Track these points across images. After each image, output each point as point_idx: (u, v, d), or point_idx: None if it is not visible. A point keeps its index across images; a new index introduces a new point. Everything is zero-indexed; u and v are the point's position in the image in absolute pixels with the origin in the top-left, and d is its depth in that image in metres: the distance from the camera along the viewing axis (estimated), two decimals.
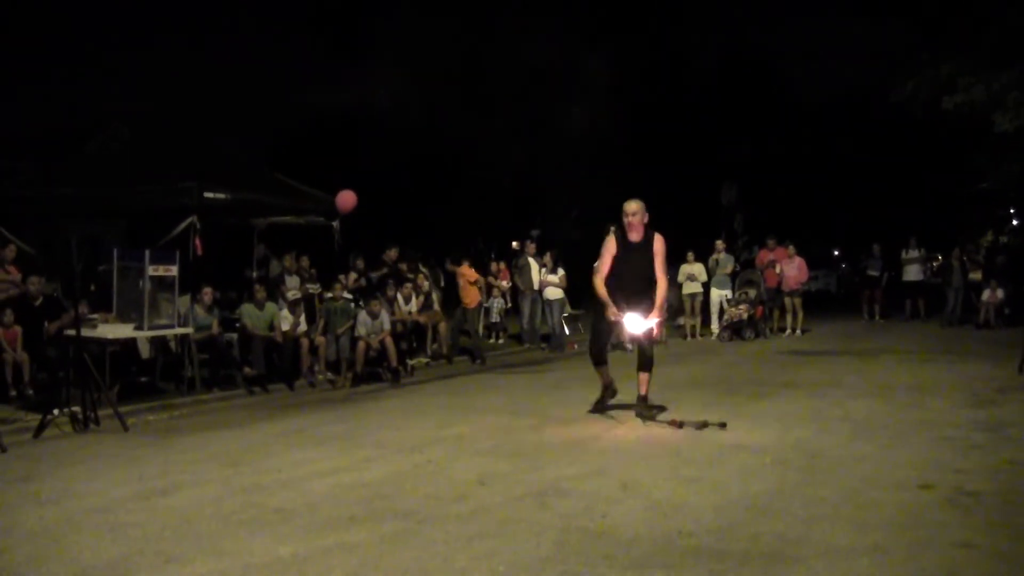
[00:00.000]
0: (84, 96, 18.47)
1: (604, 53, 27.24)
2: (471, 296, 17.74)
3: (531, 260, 18.91)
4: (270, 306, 13.77)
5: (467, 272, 17.91)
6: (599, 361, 9.92)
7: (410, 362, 15.12)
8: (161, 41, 21.39)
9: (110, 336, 11.43)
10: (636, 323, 9.30)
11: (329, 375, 14.09)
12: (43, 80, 19.40)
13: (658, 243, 9.50)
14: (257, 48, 22.38)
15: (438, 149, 26.51)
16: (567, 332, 19.32)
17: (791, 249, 20.58)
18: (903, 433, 8.30)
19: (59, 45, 20.29)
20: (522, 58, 25.94)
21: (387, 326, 14.17)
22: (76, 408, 9.72)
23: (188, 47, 21.52)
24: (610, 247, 9.57)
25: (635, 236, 9.50)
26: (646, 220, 9.57)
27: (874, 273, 23.63)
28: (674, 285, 17.83)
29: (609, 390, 9.92)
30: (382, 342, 13.93)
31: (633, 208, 9.51)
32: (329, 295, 14.71)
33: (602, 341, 10.07)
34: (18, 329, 11.90)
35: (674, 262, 20.60)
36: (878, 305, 23.49)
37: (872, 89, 25.26)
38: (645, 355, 9.55)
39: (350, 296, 15.01)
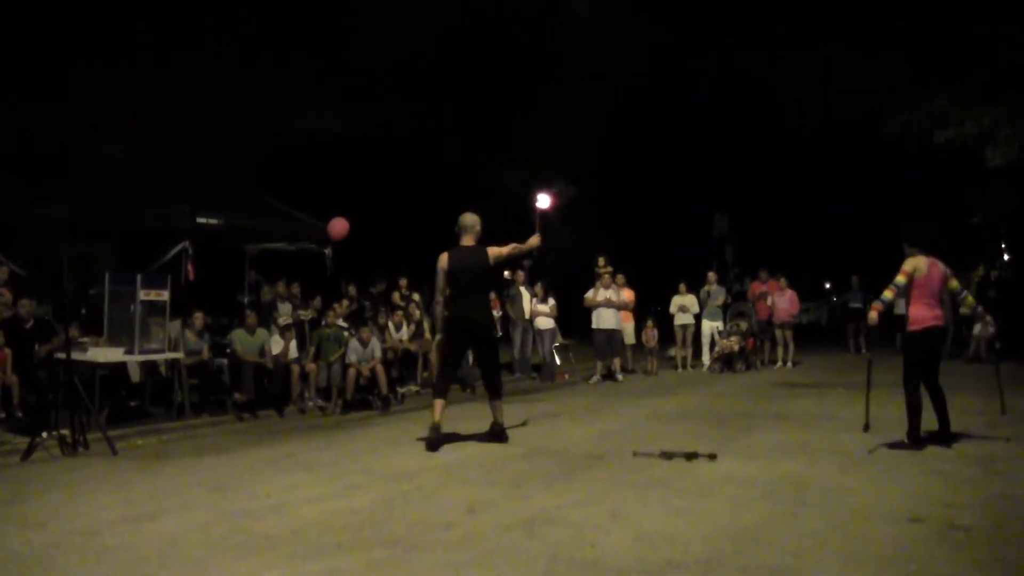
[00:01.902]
0: (75, 115, 18.46)
1: (597, 82, 27.30)
2: None
3: (522, 290, 18.92)
4: (261, 332, 13.77)
5: None
6: (442, 392, 9.99)
7: (400, 390, 15.11)
8: (154, 62, 21.39)
9: (100, 360, 11.42)
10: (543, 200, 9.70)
11: (319, 402, 14.06)
12: (33, 98, 19.40)
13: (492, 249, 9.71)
14: (251, 71, 22.42)
15: (430, 178, 26.57)
16: (558, 362, 19.34)
17: (783, 281, 20.62)
18: (893, 466, 8.30)
19: (50, 63, 20.30)
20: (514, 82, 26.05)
21: (378, 353, 14.16)
22: (65, 431, 9.68)
23: (181, 69, 21.53)
24: (443, 264, 9.74)
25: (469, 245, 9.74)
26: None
27: (856, 305, 23.67)
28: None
29: (436, 430, 9.77)
30: (372, 369, 13.93)
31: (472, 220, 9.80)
32: (323, 323, 14.71)
33: (450, 370, 10.30)
34: (8, 351, 11.86)
35: (667, 294, 20.74)
36: (863, 338, 23.51)
37: (864, 122, 25.39)
38: (493, 384, 10.08)
39: (344, 324, 15.01)
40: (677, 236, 32.85)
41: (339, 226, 14.85)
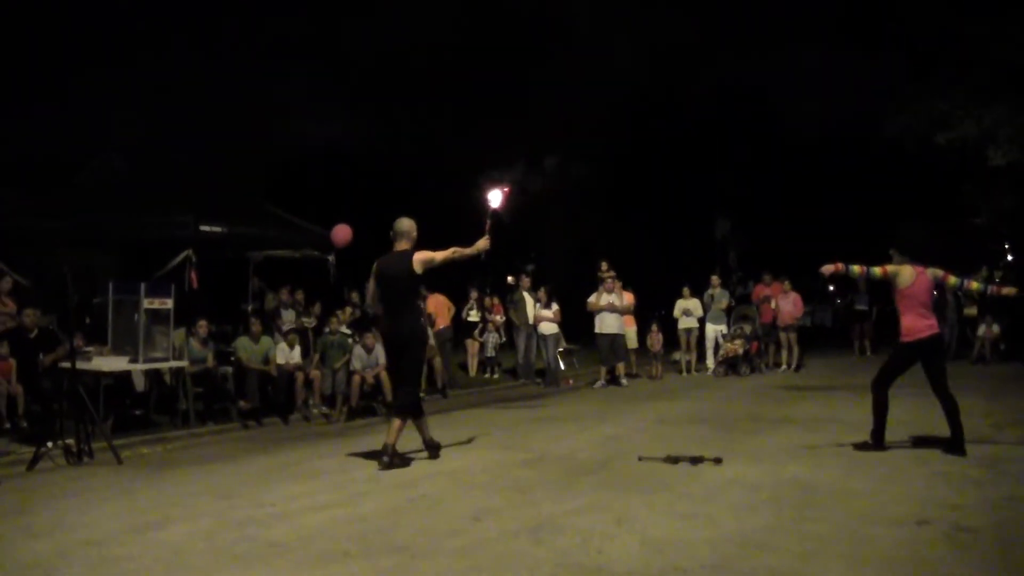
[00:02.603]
0: (77, 125, 18.50)
1: (598, 86, 27.33)
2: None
3: (526, 295, 18.93)
4: (265, 340, 13.79)
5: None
6: (419, 411, 9.48)
7: None
8: (156, 72, 21.44)
9: (105, 369, 11.43)
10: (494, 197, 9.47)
11: (324, 409, 14.07)
12: (36, 109, 19.44)
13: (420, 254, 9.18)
14: (252, 80, 22.47)
15: (431, 183, 26.60)
16: (562, 367, 19.35)
17: (787, 284, 20.59)
18: (899, 468, 8.29)
19: (52, 74, 20.36)
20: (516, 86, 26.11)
21: (382, 360, 14.15)
22: (70, 441, 9.70)
23: (183, 77, 21.59)
24: (373, 270, 9.37)
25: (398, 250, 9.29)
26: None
27: (862, 307, 23.64)
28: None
29: (434, 447, 9.52)
30: (377, 376, 13.92)
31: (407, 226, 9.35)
32: (327, 330, 14.71)
33: (418, 389, 9.93)
34: (12, 361, 11.87)
35: (670, 297, 20.73)
36: (868, 339, 23.48)
37: (866, 123, 25.38)
38: (402, 400, 9.29)
39: (348, 331, 15.02)
40: (680, 240, 32.86)
41: (342, 233, 14.84)
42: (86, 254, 14.79)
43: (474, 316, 20.05)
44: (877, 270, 9.33)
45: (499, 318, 20.27)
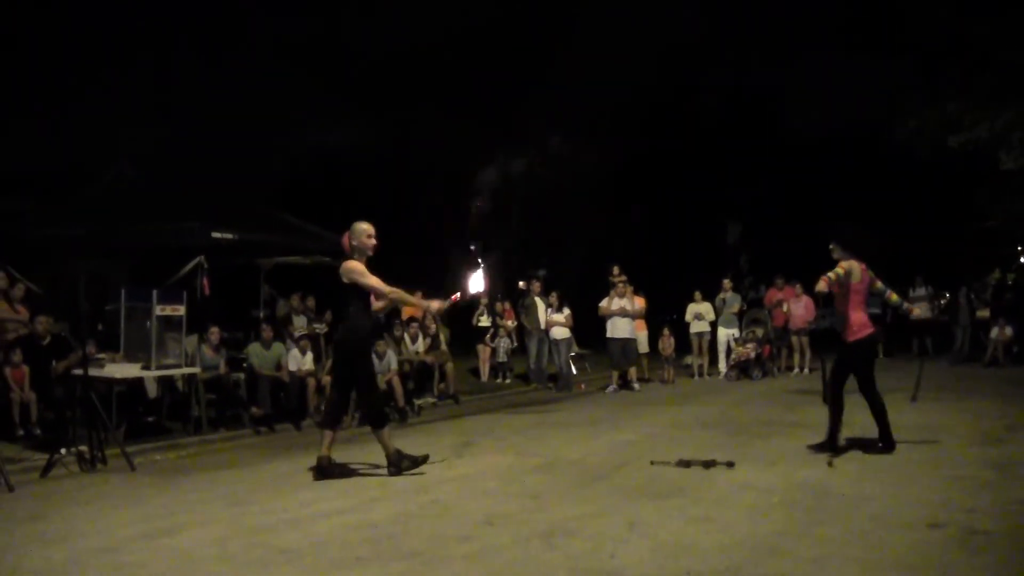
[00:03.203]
0: (90, 135, 18.56)
1: (609, 92, 27.31)
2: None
3: (537, 299, 18.94)
4: (277, 346, 13.81)
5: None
6: (383, 421, 8.96)
7: (417, 402, 15.11)
8: (167, 80, 21.53)
9: (117, 376, 11.45)
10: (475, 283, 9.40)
11: None
12: (48, 119, 19.52)
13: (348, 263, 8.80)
14: (262, 87, 22.52)
15: (444, 188, 26.65)
16: (574, 371, 19.34)
17: (799, 288, 20.54)
18: (912, 472, 8.26)
19: (64, 84, 20.43)
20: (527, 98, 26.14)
21: (394, 366, 14.18)
22: (83, 447, 9.71)
23: (193, 85, 21.66)
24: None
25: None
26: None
27: (875, 311, 23.56)
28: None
29: (414, 460, 8.90)
30: (389, 382, 13.94)
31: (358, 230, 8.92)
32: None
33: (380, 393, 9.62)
34: (26, 368, 11.90)
35: (682, 302, 20.72)
36: (880, 343, 23.38)
37: (877, 127, 25.31)
38: (373, 409, 8.99)
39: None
40: (691, 244, 32.81)
41: None
42: (98, 262, 14.84)
43: (484, 321, 20.05)
44: (839, 271, 9.31)
45: (511, 323, 20.27)
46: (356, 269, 8.69)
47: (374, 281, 8.71)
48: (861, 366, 9.59)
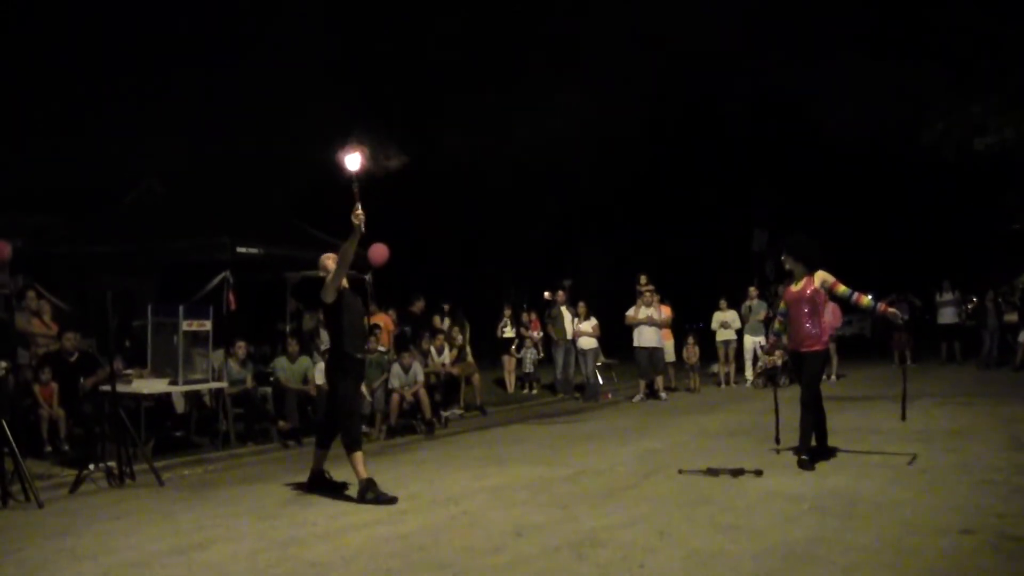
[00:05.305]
0: (118, 153, 18.70)
1: (635, 99, 27.32)
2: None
3: (563, 310, 18.91)
4: (303, 359, 13.82)
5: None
6: (357, 445, 8.69)
7: (444, 414, 15.10)
8: (194, 97, 21.66)
9: (145, 391, 11.48)
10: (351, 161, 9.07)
11: (363, 427, 14.07)
12: (77, 138, 19.68)
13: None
14: (288, 101, 22.64)
15: (469, 201, 26.70)
16: (601, 381, 19.27)
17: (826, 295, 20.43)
18: (943, 478, 8.21)
19: (89, 101, 20.60)
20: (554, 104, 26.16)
21: (420, 378, 14.17)
22: (112, 463, 9.75)
23: (218, 100, 21.79)
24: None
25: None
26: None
27: (904, 317, 23.43)
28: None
29: (380, 496, 8.31)
30: (416, 394, 13.94)
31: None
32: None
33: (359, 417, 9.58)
34: (54, 385, 11.97)
35: (708, 309, 20.65)
36: (908, 349, 23.23)
37: (903, 131, 25.19)
38: (350, 433, 8.73)
39: (384, 349, 15.04)
40: (717, 252, 32.76)
41: (379, 252, 14.87)
42: (126, 278, 14.92)
43: (509, 332, 20.03)
44: (842, 288, 9.46)
45: (537, 334, 20.24)
46: (331, 261, 8.94)
47: (331, 262, 8.89)
48: (819, 369, 9.74)
